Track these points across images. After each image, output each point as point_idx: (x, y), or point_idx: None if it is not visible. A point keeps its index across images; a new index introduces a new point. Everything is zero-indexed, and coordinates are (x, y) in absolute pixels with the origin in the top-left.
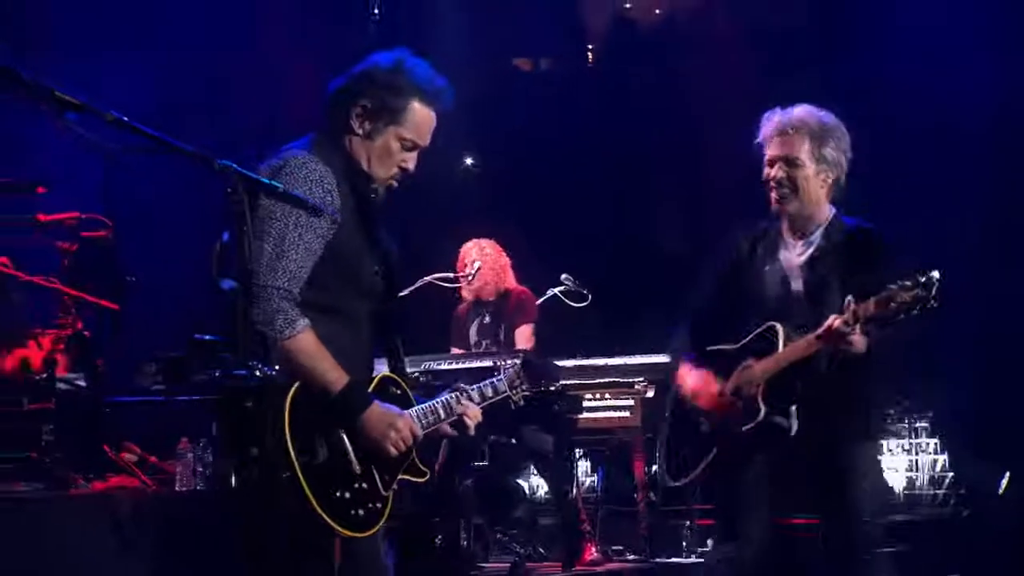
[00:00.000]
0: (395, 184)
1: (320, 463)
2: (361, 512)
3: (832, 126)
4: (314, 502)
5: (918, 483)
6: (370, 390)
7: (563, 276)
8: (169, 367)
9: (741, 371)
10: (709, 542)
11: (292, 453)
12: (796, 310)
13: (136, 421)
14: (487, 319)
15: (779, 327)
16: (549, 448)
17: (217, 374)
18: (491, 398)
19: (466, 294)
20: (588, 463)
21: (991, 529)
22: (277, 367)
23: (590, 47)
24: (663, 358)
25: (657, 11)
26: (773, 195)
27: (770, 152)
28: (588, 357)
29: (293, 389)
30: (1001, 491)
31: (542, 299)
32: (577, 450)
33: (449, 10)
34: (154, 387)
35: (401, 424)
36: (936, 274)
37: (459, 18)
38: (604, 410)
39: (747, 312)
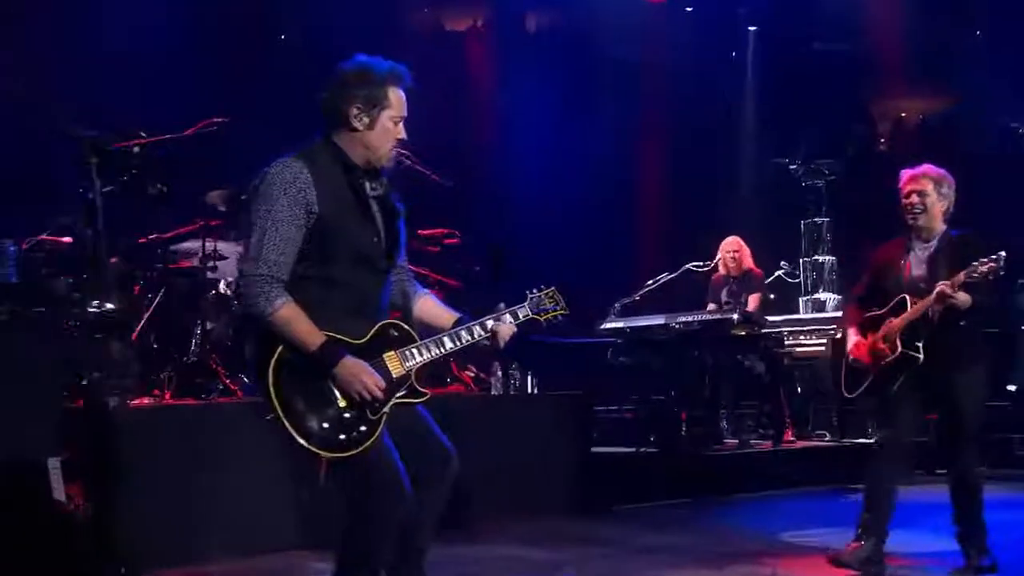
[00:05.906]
0: (394, 152)
1: (304, 404)
2: (343, 436)
3: (945, 175)
4: (294, 433)
5: None
6: (371, 334)
7: (782, 263)
8: None
9: (887, 325)
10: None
11: (275, 400)
12: (920, 287)
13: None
14: (734, 287)
15: (907, 297)
16: (761, 369)
17: None
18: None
19: (722, 270)
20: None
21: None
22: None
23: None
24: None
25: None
26: (908, 215)
27: (908, 188)
28: (801, 313)
29: (279, 349)
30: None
31: (769, 278)
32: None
33: None
34: None
35: (365, 377)
36: (1003, 253)
37: None
38: (809, 345)
39: (891, 290)
